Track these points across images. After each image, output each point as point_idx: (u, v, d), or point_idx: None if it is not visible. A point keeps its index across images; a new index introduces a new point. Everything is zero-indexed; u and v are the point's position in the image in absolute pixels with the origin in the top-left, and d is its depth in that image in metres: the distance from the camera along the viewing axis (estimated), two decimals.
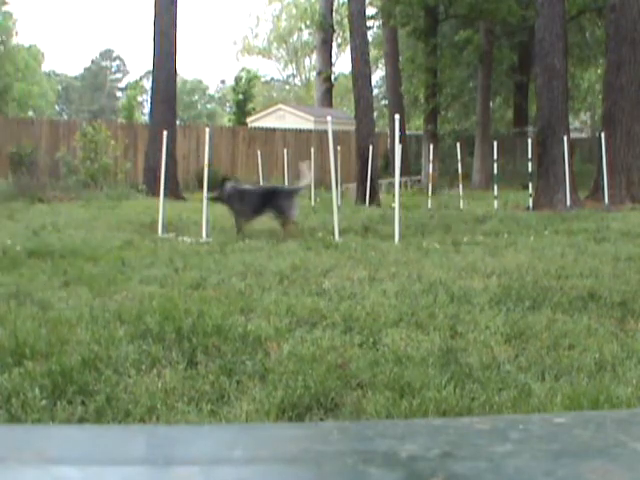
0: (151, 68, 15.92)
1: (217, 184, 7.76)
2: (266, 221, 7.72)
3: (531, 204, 11.73)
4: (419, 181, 20.81)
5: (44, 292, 3.93)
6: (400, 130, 7.94)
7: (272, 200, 7.42)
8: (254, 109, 30.01)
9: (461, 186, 13.87)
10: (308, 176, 8.49)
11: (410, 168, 21.39)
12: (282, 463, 0.49)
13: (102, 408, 2.22)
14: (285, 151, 15.98)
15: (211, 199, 7.60)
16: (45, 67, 44.11)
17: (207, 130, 8.28)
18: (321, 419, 2.21)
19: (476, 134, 21.82)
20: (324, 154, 18.92)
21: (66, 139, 16.85)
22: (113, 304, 3.63)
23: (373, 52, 25.97)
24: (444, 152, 23.10)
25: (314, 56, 36.74)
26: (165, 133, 9.02)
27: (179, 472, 0.47)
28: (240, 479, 0.46)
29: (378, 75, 34.03)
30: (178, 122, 19.15)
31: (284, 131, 23.12)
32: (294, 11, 45.64)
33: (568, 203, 11.43)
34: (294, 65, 52.26)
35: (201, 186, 8.05)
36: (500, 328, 3.13)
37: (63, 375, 2.44)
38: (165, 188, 8.36)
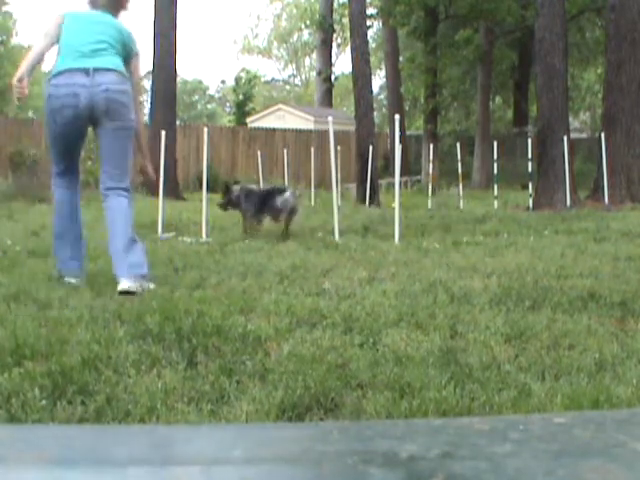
0: (151, 68, 15.92)
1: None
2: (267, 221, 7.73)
3: (531, 204, 11.73)
4: (419, 181, 20.82)
5: (44, 292, 3.93)
6: (400, 130, 7.94)
7: None
8: (254, 109, 30.01)
9: (461, 186, 13.87)
10: None
11: (410, 168, 21.40)
12: (282, 463, 0.49)
13: (102, 408, 2.22)
14: (285, 151, 15.98)
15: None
16: (45, 67, 44.07)
17: (205, 130, 8.29)
18: (321, 419, 2.21)
19: (476, 134, 21.84)
20: (324, 154, 18.91)
21: None
22: (113, 304, 3.63)
23: (373, 54, 25.96)
24: (444, 152, 23.12)
25: (314, 56, 36.74)
26: (165, 133, 9.03)
27: (179, 472, 0.47)
28: (240, 479, 0.46)
29: (379, 76, 34.02)
30: (178, 122, 19.14)
31: (284, 131, 23.13)
32: (294, 11, 45.64)
33: (568, 203, 11.43)
34: (294, 65, 52.27)
35: (201, 186, 8.06)
36: (500, 328, 3.13)
37: (63, 375, 2.44)
38: (165, 188, 8.36)
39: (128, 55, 4.18)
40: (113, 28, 4.16)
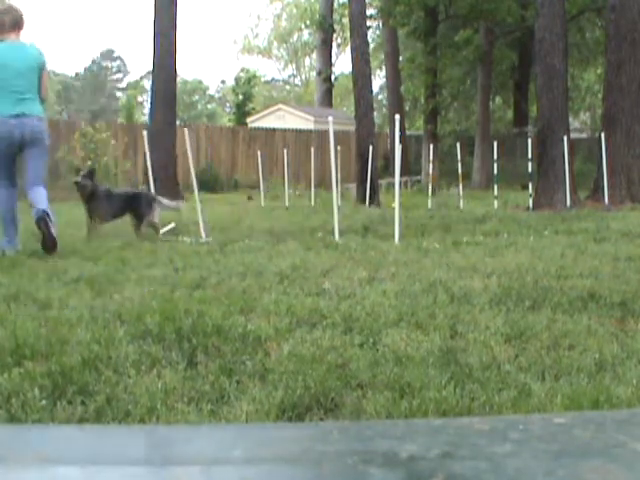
0: (151, 68, 15.91)
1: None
2: (268, 221, 7.71)
3: (531, 204, 11.72)
4: (419, 181, 20.81)
5: (44, 292, 3.93)
6: (400, 130, 7.94)
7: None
8: (254, 109, 30.00)
9: (461, 186, 13.86)
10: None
11: (410, 168, 21.39)
12: (282, 463, 0.49)
13: (102, 408, 2.22)
14: (285, 151, 15.97)
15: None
16: None
17: (186, 131, 8.19)
18: (321, 419, 2.21)
19: (476, 134, 21.83)
20: (324, 154, 18.91)
21: (66, 139, 16.83)
22: (113, 304, 3.63)
23: (373, 54, 25.96)
24: (444, 152, 23.11)
25: (314, 56, 36.73)
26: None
27: (179, 472, 0.47)
28: (240, 479, 0.46)
29: (379, 76, 34.01)
30: (178, 122, 19.14)
31: (284, 131, 23.12)
32: (294, 11, 45.63)
33: (568, 203, 11.43)
34: (294, 65, 52.26)
35: (201, 186, 8.06)
36: (500, 328, 3.13)
37: (63, 375, 2.44)
38: (165, 188, 8.36)
39: (40, 71, 5.87)
40: (28, 67, 5.76)
